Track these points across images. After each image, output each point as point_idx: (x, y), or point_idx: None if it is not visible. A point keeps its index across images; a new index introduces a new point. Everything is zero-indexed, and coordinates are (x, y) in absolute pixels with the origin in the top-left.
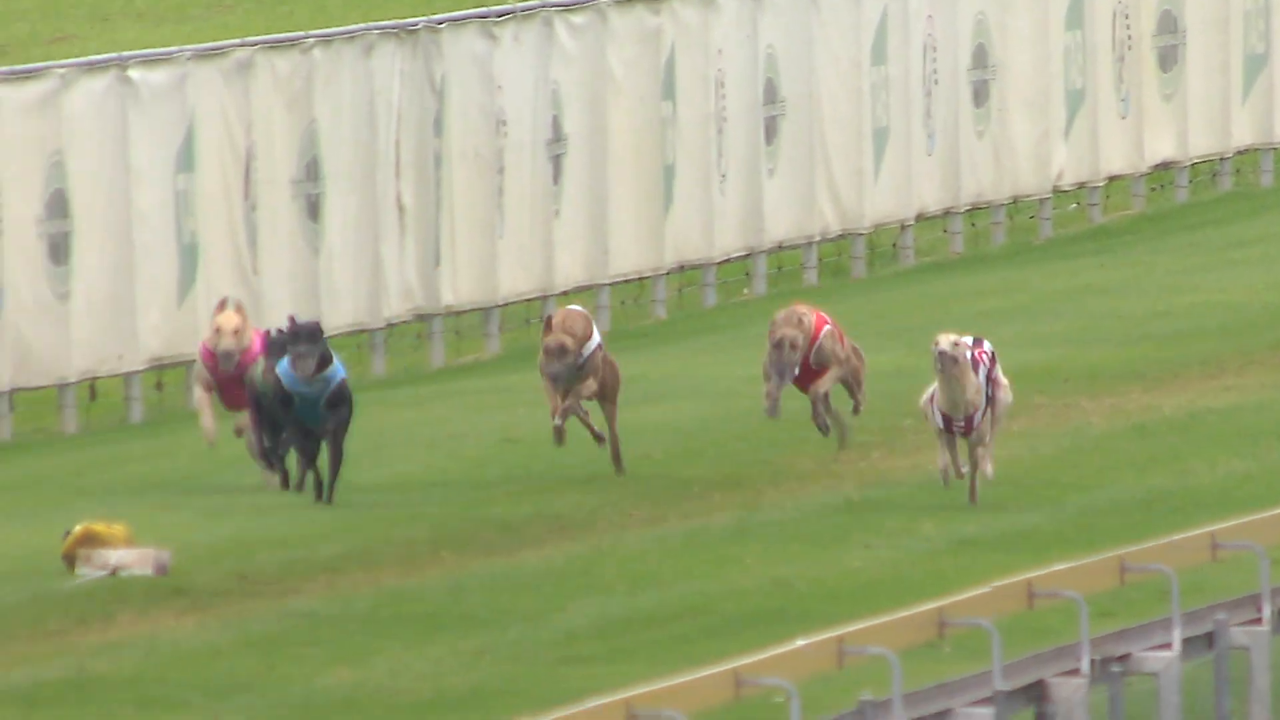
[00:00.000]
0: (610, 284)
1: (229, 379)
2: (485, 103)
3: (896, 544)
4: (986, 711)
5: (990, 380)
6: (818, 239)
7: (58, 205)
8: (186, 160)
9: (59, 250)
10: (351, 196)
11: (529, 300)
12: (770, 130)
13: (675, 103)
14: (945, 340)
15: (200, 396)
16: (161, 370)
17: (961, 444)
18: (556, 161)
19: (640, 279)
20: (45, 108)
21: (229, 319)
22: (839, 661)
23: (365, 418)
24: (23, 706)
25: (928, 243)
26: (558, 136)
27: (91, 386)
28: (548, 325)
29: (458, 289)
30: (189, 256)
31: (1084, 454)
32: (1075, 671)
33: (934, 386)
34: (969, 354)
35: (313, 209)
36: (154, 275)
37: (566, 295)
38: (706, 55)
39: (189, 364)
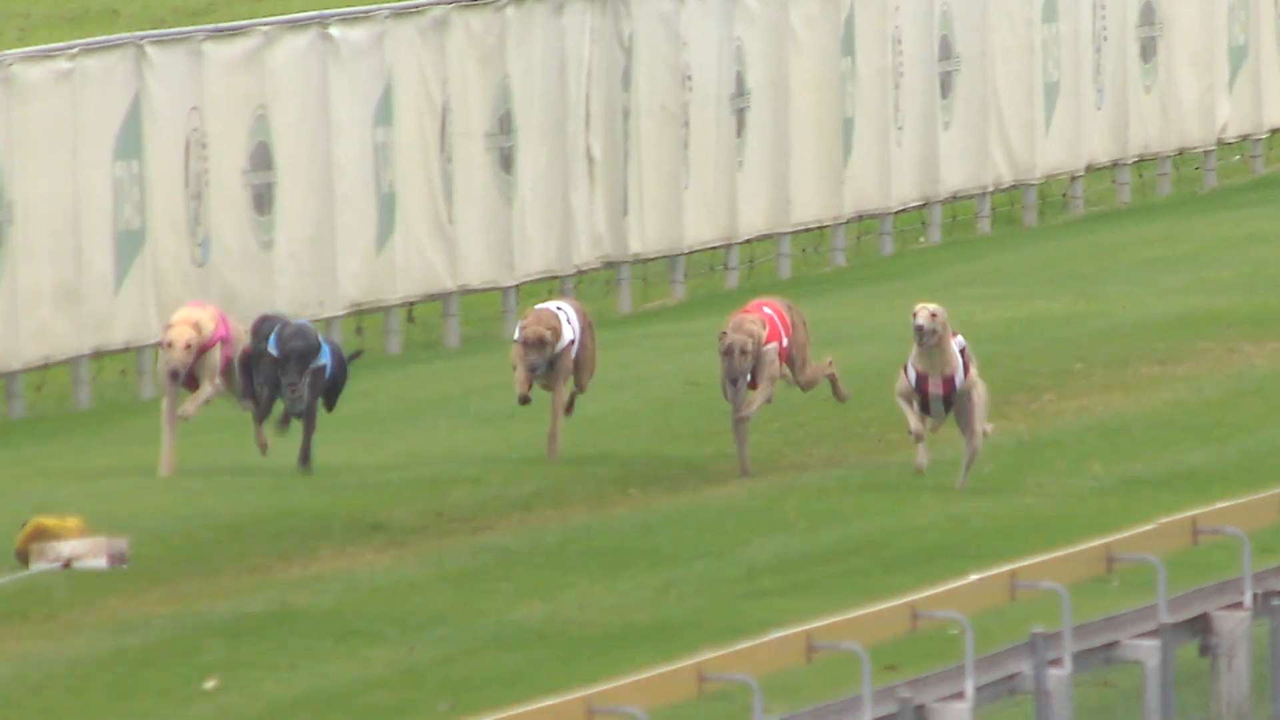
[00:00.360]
0: (791, 232)
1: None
2: (671, 59)
3: (1066, 483)
4: (1152, 643)
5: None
6: (991, 189)
7: (262, 157)
8: (385, 114)
9: (263, 200)
10: (543, 149)
11: (713, 248)
12: (945, 85)
13: (854, 58)
14: (923, 313)
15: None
16: (361, 315)
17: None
18: (740, 115)
19: (820, 228)
20: (250, 64)
21: (180, 333)
22: (1011, 595)
23: None
24: (227, 638)
25: (1096, 193)
26: (741, 91)
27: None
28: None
29: (645, 237)
30: (387, 206)
31: (1247, 396)
32: (1238, 605)
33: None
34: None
35: (505, 161)
36: (353, 224)
37: (749, 243)
38: (884, 12)
39: (388, 310)
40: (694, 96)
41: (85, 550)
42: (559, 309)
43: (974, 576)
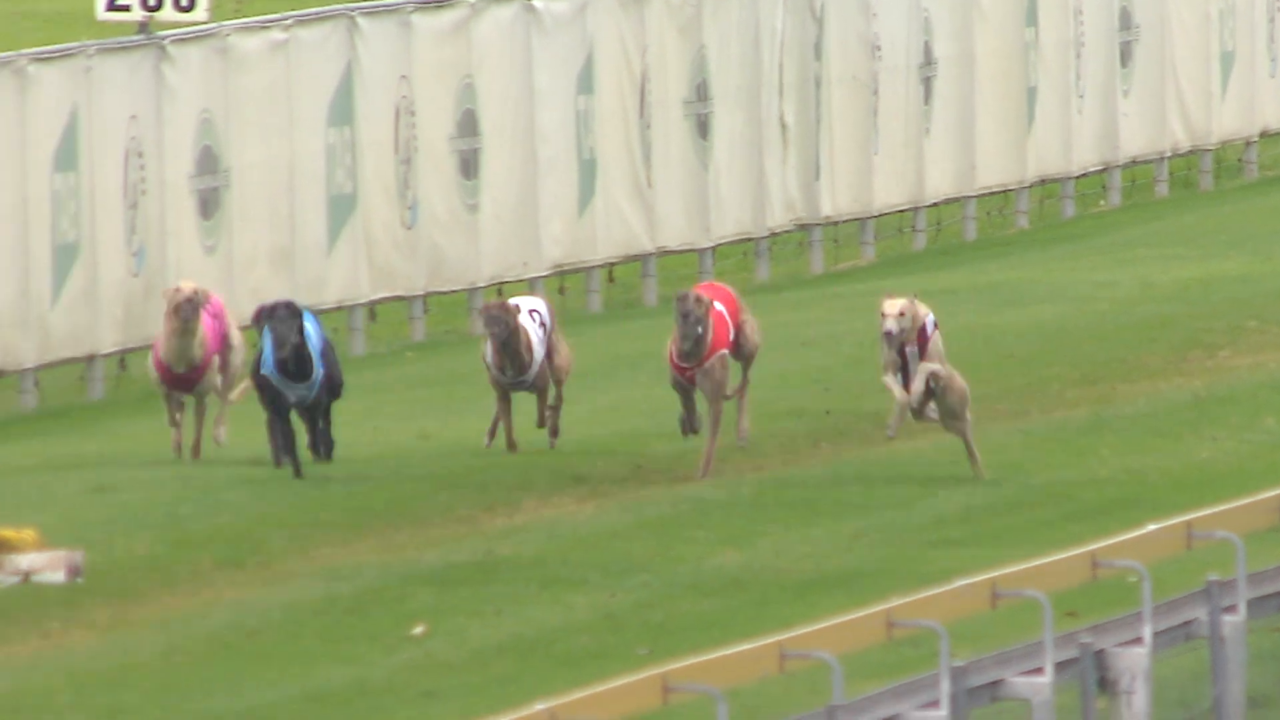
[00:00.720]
0: (976, 196)
1: (180, 380)
2: (862, 29)
3: (1240, 437)
4: None
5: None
6: (1168, 154)
7: (468, 124)
8: (586, 83)
9: (469, 165)
10: (738, 115)
11: (901, 211)
12: (1125, 54)
13: (1037, 29)
14: (891, 315)
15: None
16: (563, 276)
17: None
18: (927, 84)
19: (1004, 191)
20: (457, 35)
21: (188, 281)
22: (1187, 545)
23: None
24: (436, 585)
25: (1271, 158)
26: (929, 60)
27: (499, 291)
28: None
29: (836, 201)
30: (588, 171)
31: None
32: None
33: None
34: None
35: (702, 127)
36: (555, 188)
37: (936, 206)
38: None
39: (589, 270)
40: (883, 66)
41: (43, 564)
42: (533, 311)
43: (1151, 527)
